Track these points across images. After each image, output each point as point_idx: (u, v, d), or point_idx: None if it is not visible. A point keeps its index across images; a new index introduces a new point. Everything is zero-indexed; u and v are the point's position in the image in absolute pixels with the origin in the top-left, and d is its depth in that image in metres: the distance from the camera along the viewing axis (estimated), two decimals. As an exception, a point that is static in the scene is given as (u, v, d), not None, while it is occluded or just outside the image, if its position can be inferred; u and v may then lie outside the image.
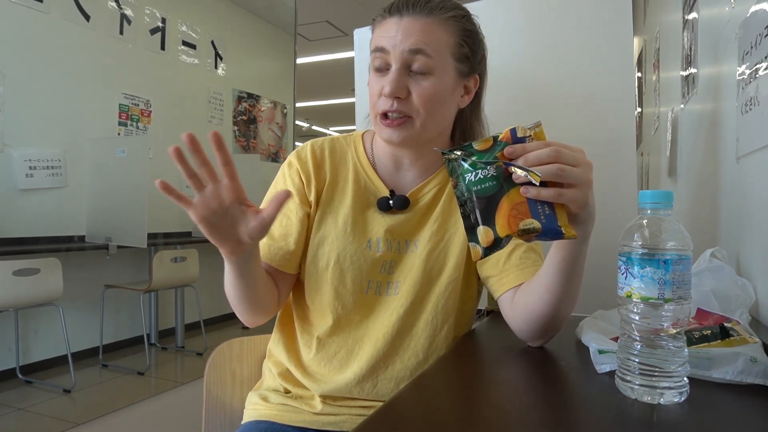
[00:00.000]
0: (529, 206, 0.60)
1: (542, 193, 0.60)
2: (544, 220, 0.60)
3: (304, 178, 0.90)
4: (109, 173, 3.38)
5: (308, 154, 0.91)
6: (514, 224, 0.60)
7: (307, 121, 10.66)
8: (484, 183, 0.61)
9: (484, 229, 0.61)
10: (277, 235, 0.88)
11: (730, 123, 0.93)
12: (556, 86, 1.34)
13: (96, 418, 2.51)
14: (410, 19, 0.80)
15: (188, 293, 3.89)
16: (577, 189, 0.61)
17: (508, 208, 0.60)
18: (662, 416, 0.52)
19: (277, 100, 5.55)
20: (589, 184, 0.62)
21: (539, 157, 0.60)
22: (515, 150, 0.61)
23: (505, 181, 0.61)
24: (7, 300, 2.69)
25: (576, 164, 0.61)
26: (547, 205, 0.60)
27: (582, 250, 0.70)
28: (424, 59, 0.80)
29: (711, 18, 1.16)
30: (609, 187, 1.25)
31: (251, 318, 0.87)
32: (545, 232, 0.60)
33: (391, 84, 0.79)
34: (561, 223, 0.60)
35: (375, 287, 0.87)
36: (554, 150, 0.60)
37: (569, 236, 0.60)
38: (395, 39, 0.80)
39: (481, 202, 0.61)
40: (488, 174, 0.61)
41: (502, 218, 0.60)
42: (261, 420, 0.89)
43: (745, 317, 0.72)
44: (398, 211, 0.89)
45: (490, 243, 0.61)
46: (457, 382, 0.70)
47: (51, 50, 3.33)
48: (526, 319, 0.78)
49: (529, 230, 0.59)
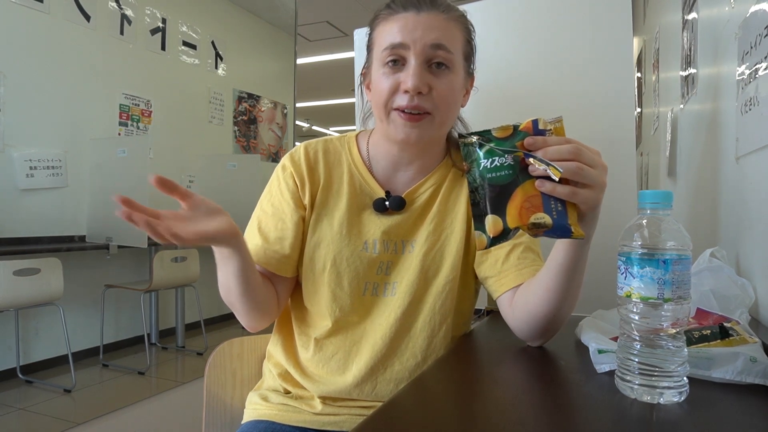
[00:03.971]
0: (543, 200, 0.59)
1: (557, 189, 0.59)
2: (555, 216, 0.59)
3: (298, 181, 0.89)
4: (110, 173, 3.38)
5: (302, 156, 0.90)
6: (526, 217, 0.59)
7: (307, 121, 10.66)
8: (500, 171, 0.60)
9: (492, 218, 0.60)
10: (272, 238, 0.87)
11: (730, 123, 0.93)
12: (556, 86, 1.34)
13: (96, 417, 2.51)
14: (429, 14, 0.80)
15: (188, 293, 3.89)
16: (592, 190, 0.60)
17: (521, 199, 0.59)
18: (662, 416, 0.52)
19: (277, 100, 5.55)
20: (603, 186, 0.62)
21: (560, 152, 0.59)
22: (536, 141, 0.60)
23: (520, 171, 0.60)
24: (7, 300, 2.69)
25: (594, 165, 0.60)
26: (560, 202, 0.60)
27: (584, 252, 0.70)
28: (445, 54, 0.79)
29: (711, 18, 1.16)
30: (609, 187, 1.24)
31: (252, 321, 0.86)
32: (555, 229, 0.59)
33: (414, 78, 0.77)
34: (571, 221, 0.60)
35: (372, 289, 0.87)
36: (575, 147, 0.60)
37: (578, 236, 0.59)
38: (415, 33, 0.78)
39: (494, 190, 0.60)
40: (505, 162, 0.60)
41: (514, 209, 0.59)
42: (261, 420, 0.89)
43: (744, 317, 0.72)
44: (394, 212, 0.88)
45: (498, 233, 0.60)
46: (457, 382, 0.70)
47: (51, 50, 3.34)
48: (526, 319, 0.78)
49: (540, 225, 0.59)
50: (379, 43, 0.82)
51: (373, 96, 0.84)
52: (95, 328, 3.52)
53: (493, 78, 1.37)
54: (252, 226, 0.90)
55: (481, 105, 1.07)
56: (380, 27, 0.83)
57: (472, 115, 1.00)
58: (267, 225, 0.88)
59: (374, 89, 0.83)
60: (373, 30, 0.86)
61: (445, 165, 0.91)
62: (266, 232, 0.88)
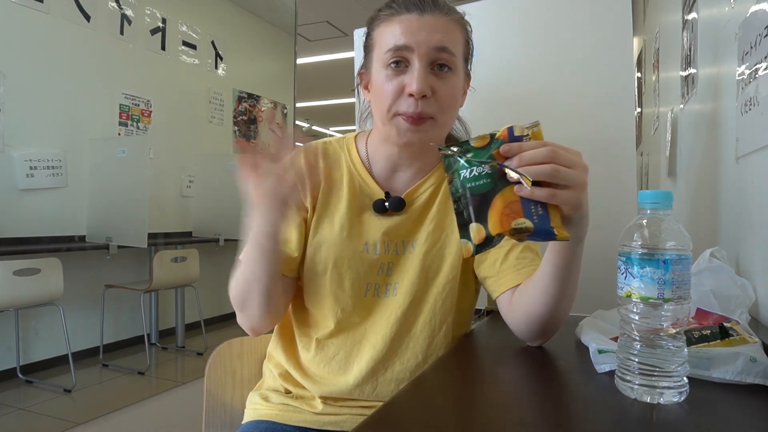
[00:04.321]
0: (522, 205, 0.60)
1: (535, 193, 0.59)
2: (536, 220, 0.59)
3: (299, 183, 0.89)
4: (110, 173, 3.38)
5: (301, 159, 0.90)
6: (507, 223, 0.59)
7: (307, 121, 10.65)
8: (479, 180, 0.61)
9: (476, 226, 0.61)
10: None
11: (730, 123, 0.93)
12: (556, 86, 1.34)
13: (96, 418, 2.52)
14: (432, 16, 0.79)
15: (188, 293, 3.89)
16: (571, 191, 0.60)
17: (501, 206, 0.60)
18: (662, 416, 0.52)
19: (277, 100, 5.55)
20: (583, 186, 0.62)
21: (534, 156, 0.59)
22: (511, 149, 0.60)
23: (499, 179, 0.61)
24: (7, 300, 2.69)
25: (571, 165, 0.60)
26: (540, 206, 0.60)
27: (577, 253, 0.70)
28: (448, 57, 0.79)
29: (711, 18, 1.16)
30: (609, 187, 1.25)
31: (263, 321, 0.84)
32: (537, 233, 0.59)
33: (419, 82, 0.77)
34: (554, 224, 0.60)
35: (374, 290, 0.87)
36: (550, 150, 0.59)
37: (561, 238, 0.60)
38: (419, 36, 0.78)
39: (475, 199, 0.61)
40: (483, 171, 0.61)
41: (494, 216, 0.60)
42: (261, 420, 0.89)
43: (744, 317, 0.72)
44: (394, 212, 0.88)
45: (481, 240, 0.60)
46: (457, 382, 0.70)
47: (51, 50, 3.34)
48: (524, 320, 0.78)
49: (521, 229, 0.59)
50: (381, 44, 0.81)
51: (375, 98, 0.83)
52: (95, 328, 3.52)
53: (492, 78, 1.37)
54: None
55: (481, 105, 1.07)
56: (381, 27, 0.82)
57: (473, 116, 1.00)
58: None
59: (376, 92, 0.82)
60: (372, 30, 0.85)
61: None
62: None
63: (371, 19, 0.86)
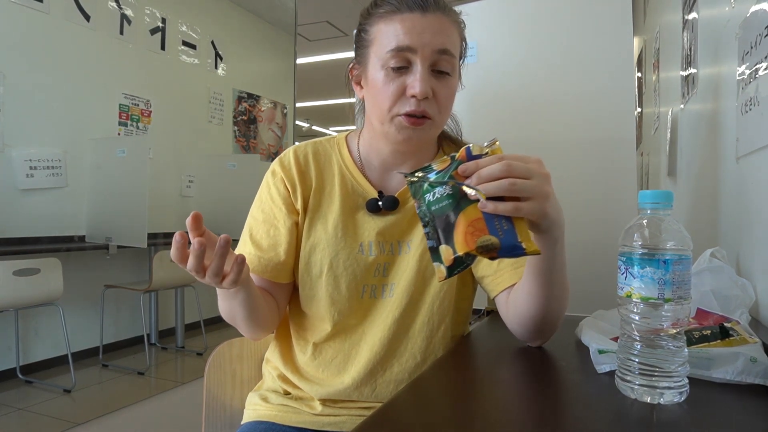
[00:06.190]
0: (486, 222, 0.59)
1: (499, 207, 0.58)
2: (502, 235, 0.58)
3: (289, 185, 0.88)
4: (110, 173, 3.38)
5: (291, 160, 0.89)
6: (472, 241, 0.58)
7: (307, 121, 10.65)
8: (441, 202, 0.61)
9: (445, 248, 0.60)
10: (266, 246, 0.86)
11: (730, 123, 0.93)
12: (556, 86, 1.34)
13: (96, 418, 2.51)
14: (434, 16, 0.78)
15: (188, 293, 3.89)
16: (534, 201, 0.59)
17: (464, 225, 0.59)
18: (662, 416, 0.52)
19: (277, 100, 5.55)
20: (545, 195, 0.60)
21: (491, 173, 0.59)
22: (468, 167, 0.60)
23: (461, 198, 0.60)
24: (7, 300, 2.69)
25: (529, 176, 0.59)
26: (505, 220, 0.59)
27: (557, 253, 0.68)
28: (449, 59, 0.79)
29: (711, 18, 1.16)
30: (609, 187, 1.25)
31: (255, 334, 0.87)
32: (504, 249, 0.58)
33: (422, 84, 0.76)
34: (522, 238, 0.59)
35: (370, 291, 0.86)
36: (505, 164, 0.59)
37: (531, 252, 0.58)
38: (423, 37, 0.77)
39: (441, 220, 0.61)
40: (444, 192, 0.61)
41: (459, 235, 0.59)
42: (261, 420, 0.89)
43: (744, 317, 0.72)
44: (388, 212, 0.87)
45: (451, 262, 0.60)
46: (456, 382, 0.70)
47: (51, 50, 3.33)
48: (519, 321, 0.79)
49: (488, 247, 0.58)
50: (382, 43, 0.79)
51: (374, 98, 0.82)
52: (95, 328, 3.52)
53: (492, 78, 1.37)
54: (244, 235, 0.89)
55: (481, 105, 1.07)
56: (382, 24, 0.80)
57: (473, 116, 1.01)
58: (259, 233, 0.88)
59: (375, 91, 0.81)
60: (370, 25, 0.82)
61: None
62: (258, 240, 0.87)
63: (368, 13, 0.83)
